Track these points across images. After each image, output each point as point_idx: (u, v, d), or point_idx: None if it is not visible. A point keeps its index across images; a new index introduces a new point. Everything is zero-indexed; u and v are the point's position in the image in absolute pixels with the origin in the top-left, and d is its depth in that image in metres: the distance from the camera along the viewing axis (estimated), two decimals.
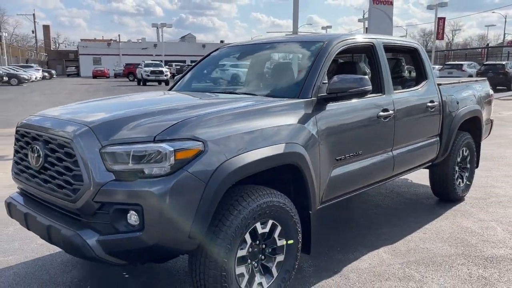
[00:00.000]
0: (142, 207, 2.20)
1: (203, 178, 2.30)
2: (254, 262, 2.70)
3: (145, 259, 2.50)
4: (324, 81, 3.17)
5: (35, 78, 40.22)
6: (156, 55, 55.00)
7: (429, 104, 4.25)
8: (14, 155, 2.93)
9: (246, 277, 2.63)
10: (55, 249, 3.67)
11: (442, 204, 4.94)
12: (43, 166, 2.54)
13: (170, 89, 4.09)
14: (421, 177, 5.75)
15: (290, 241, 2.85)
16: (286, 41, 3.94)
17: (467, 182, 5.16)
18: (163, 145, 2.25)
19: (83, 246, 2.25)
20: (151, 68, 32.06)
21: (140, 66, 35.58)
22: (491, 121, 5.75)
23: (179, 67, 44.29)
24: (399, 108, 3.82)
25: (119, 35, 68.99)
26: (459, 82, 5.10)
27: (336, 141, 3.18)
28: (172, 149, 2.24)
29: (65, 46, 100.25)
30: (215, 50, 4.27)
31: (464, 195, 5.11)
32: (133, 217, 2.25)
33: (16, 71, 36.58)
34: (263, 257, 2.76)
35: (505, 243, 3.85)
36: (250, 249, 2.65)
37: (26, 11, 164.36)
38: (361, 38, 3.79)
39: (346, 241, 3.89)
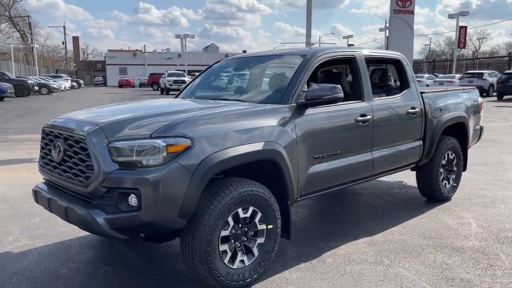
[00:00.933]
0: (139, 191, 2.73)
1: (190, 168, 2.81)
2: (237, 243, 3.19)
3: (143, 234, 3.02)
4: (304, 89, 3.66)
5: (64, 88, 41.82)
6: (180, 65, 56.21)
7: (410, 110, 4.67)
8: (40, 151, 3.52)
9: (229, 254, 3.12)
10: (74, 234, 4.24)
11: (428, 204, 5.32)
12: (63, 158, 3.11)
13: (176, 96, 4.65)
14: (415, 180, 6.12)
15: (270, 226, 3.33)
16: (275, 55, 4.45)
17: (454, 184, 5.52)
18: (158, 141, 2.78)
19: (93, 223, 2.79)
20: (174, 78, 33.14)
21: (163, 76, 36.69)
22: (481, 128, 6.09)
23: None
24: (377, 113, 4.26)
25: (144, 46, 70.67)
26: (444, 91, 5.49)
27: (314, 141, 3.65)
28: (165, 144, 2.77)
29: (93, 57, 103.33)
30: (216, 62, 4.82)
31: (451, 196, 5.47)
32: (133, 199, 2.77)
33: (47, 81, 38.20)
34: (245, 238, 3.24)
35: (476, 237, 4.23)
36: (233, 231, 3.14)
37: (57, 23, 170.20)
38: (342, 51, 4.27)
39: (331, 233, 4.34)
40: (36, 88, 32.65)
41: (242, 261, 3.21)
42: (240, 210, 3.13)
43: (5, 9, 64.84)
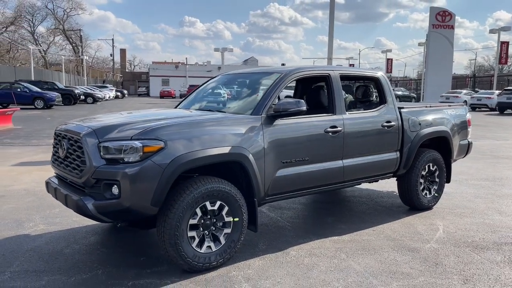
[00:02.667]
0: (119, 182, 3.39)
1: (162, 165, 3.45)
2: (206, 231, 3.78)
3: (126, 218, 3.67)
4: (274, 103, 4.23)
5: (109, 97, 44.09)
6: None
7: (385, 124, 5.13)
8: (52, 150, 4.27)
9: (197, 239, 3.72)
10: (84, 223, 4.97)
11: (408, 212, 5.70)
12: (66, 155, 3.83)
13: (176, 107, 5.33)
14: None
15: (236, 219, 3.90)
16: (257, 72, 5.06)
17: (435, 194, 5.87)
18: (136, 142, 3.44)
19: (84, 207, 3.47)
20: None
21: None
22: (469, 143, 6.40)
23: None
24: (349, 125, 4.75)
25: (186, 58, 73.67)
26: (426, 107, 5.89)
27: (282, 148, 4.20)
28: (141, 145, 3.42)
29: (139, 68, 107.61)
30: (211, 78, 5.50)
31: (432, 205, 5.83)
32: (115, 189, 3.43)
33: (93, 90, 40.46)
34: (214, 228, 3.83)
35: (436, 241, 4.61)
36: (202, 220, 3.74)
37: (107, 36, 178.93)
38: (316, 70, 4.82)
39: (304, 232, 4.84)
40: (82, 97, 34.70)
41: (209, 247, 3.79)
42: (208, 203, 3.73)
43: (59, 23, 69.08)
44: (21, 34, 59.83)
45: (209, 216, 3.78)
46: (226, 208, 3.84)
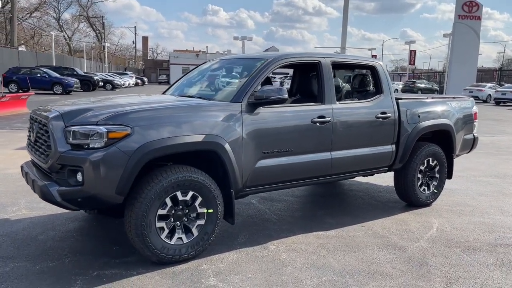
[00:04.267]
0: (83, 168, 3.26)
1: (128, 153, 3.30)
2: (178, 222, 3.64)
3: (91, 207, 3.55)
4: (256, 90, 4.03)
5: (128, 84, 44.40)
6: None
7: (380, 115, 4.87)
8: (27, 134, 4.17)
9: (167, 230, 3.58)
10: (66, 210, 4.89)
11: (404, 208, 5.45)
12: (35, 139, 3.73)
13: (163, 93, 5.18)
14: None
15: (210, 210, 3.74)
16: (243, 58, 4.84)
17: (435, 190, 5.59)
18: (101, 127, 3.30)
19: (49, 193, 3.35)
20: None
21: (232, 80, 37.85)
22: (474, 138, 6.07)
23: None
24: (338, 116, 4.51)
25: (207, 47, 73.57)
26: (427, 98, 5.59)
27: (263, 138, 4.01)
28: (106, 130, 3.28)
29: (162, 56, 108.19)
30: (200, 64, 5.33)
31: (430, 202, 5.55)
32: (79, 176, 3.31)
33: (112, 77, 40.80)
34: (186, 219, 3.68)
35: (427, 240, 4.36)
36: (173, 211, 3.59)
37: (131, 23, 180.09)
38: (305, 57, 4.58)
39: (289, 225, 4.65)
40: (101, 84, 34.99)
41: (180, 238, 3.65)
42: (179, 193, 3.58)
43: (83, 10, 69.77)
44: (47, 21, 60.68)
45: (180, 207, 3.63)
46: (199, 199, 3.68)
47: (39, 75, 28.48)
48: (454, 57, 37.33)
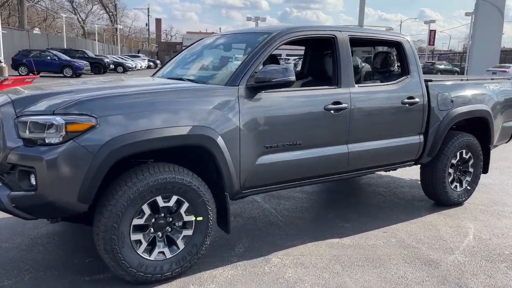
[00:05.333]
0: (35, 170, 2.60)
1: (92, 150, 2.63)
2: (159, 233, 2.97)
3: (50, 215, 2.90)
4: (257, 71, 3.30)
5: (140, 67, 43.71)
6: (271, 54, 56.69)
7: (406, 100, 4.10)
8: None
9: (145, 244, 2.91)
10: None
11: (433, 208, 4.70)
12: None
13: (153, 75, 4.46)
14: None
15: (199, 218, 3.07)
16: (243, 33, 4.08)
17: (468, 187, 4.83)
18: (57, 118, 2.62)
19: None
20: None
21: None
22: None
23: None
24: (357, 102, 3.77)
25: (220, 28, 71.98)
26: (462, 80, 4.78)
27: (265, 129, 3.29)
28: (64, 122, 2.60)
29: (176, 38, 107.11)
30: (191, 44, 4.58)
31: (462, 200, 4.80)
32: (32, 178, 2.65)
33: (124, 60, 40.17)
34: (169, 229, 3.02)
35: (463, 251, 3.63)
36: (153, 220, 2.93)
37: (144, 5, 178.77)
38: (317, 30, 3.80)
39: (298, 231, 3.96)
40: (112, 66, 34.41)
41: (162, 253, 2.99)
42: (159, 199, 2.90)
43: None
44: (60, 3, 60.08)
45: (162, 215, 2.96)
46: (185, 205, 3.01)
47: (49, 57, 28.00)
48: (477, 36, 35.73)
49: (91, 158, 2.63)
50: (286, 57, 42.40)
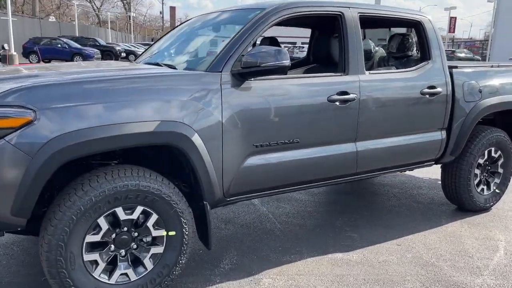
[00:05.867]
0: None
1: (29, 151, 2.09)
2: (121, 251, 2.44)
3: None
4: (244, 54, 2.72)
5: None
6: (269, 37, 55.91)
7: (427, 90, 3.48)
8: None
9: (103, 264, 2.39)
10: None
11: (456, 214, 4.09)
12: None
13: (134, 60, 3.91)
14: None
15: (172, 233, 2.53)
16: (233, 10, 3.47)
17: (496, 190, 4.20)
18: None
19: None
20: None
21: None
22: None
23: (287, 48, 44.25)
24: (368, 91, 3.17)
25: None
26: (492, 66, 4.12)
27: (255, 124, 2.73)
28: None
29: None
30: (178, 25, 4.00)
31: (490, 205, 4.17)
32: None
33: (137, 48, 39.74)
34: (135, 246, 2.49)
35: (493, 271, 3.02)
36: (114, 235, 2.40)
37: None
38: (320, 7, 3.18)
39: (296, 242, 3.40)
40: (123, 54, 34.01)
41: (125, 274, 2.46)
42: (120, 210, 2.37)
43: None
44: None
45: (125, 229, 2.43)
46: (153, 217, 2.47)
47: (59, 45, 27.75)
48: (500, 24, 34.32)
49: (27, 161, 2.10)
50: (301, 45, 41.54)
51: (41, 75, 2.54)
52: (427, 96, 3.49)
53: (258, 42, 4.13)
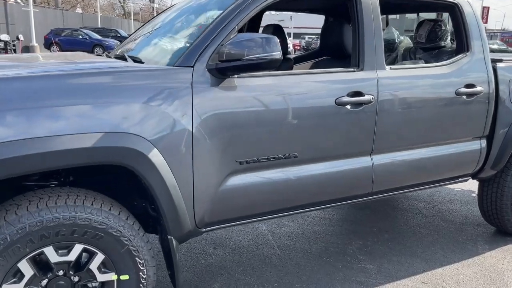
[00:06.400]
0: None
1: None
2: None
3: None
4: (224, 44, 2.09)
5: None
6: (294, 27, 54.96)
7: (463, 89, 2.78)
8: None
9: None
10: None
11: (496, 239, 3.39)
12: None
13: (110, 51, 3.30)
14: None
15: (124, 277, 1.94)
16: None
17: None
18: None
19: None
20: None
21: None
22: None
23: (310, 40, 43.19)
24: (389, 91, 2.50)
25: None
26: None
27: (239, 134, 2.11)
28: None
29: None
30: (163, 11, 3.37)
31: None
32: None
33: None
34: None
35: None
36: (45, 281, 1.82)
37: None
38: None
39: (297, 275, 2.77)
40: None
41: None
42: (50, 250, 1.79)
43: None
44: None
45: (60, 273, 1.85)
46: (99, 257, 1.88)
47: (80, 36, 27.67)
48: None
49: None
50: None
51: None
52: (464, 96, 2.79)
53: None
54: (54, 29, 28.27)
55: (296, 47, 34.33)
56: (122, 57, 2.51)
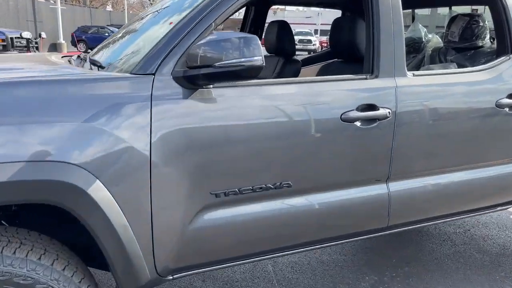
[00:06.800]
0: None
1: None
2: None
3: None
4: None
5: None
6: (321, 24, 54.32)
7: (506, 100, 2.25)
8: None
9: None
10: None
11: None
12: None
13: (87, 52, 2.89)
14: None
15: None
16: None
17: None
18: None
19: None
20: (300, 37, 30.95)
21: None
22: None
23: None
24: (410, 104, 2.01)
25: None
26: None
27: (214, 160, 1.66)
28: None
29: (242, 14, 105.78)
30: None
31: None
32: None
33: None
34: None
35: None
36: None
37: None
38: None
39: None
40: None
41: None
42: None
43: None
44: None
45: None
46: None
47: (106, 34, 27.76)
48: None
49: None
50: None
51: None
52: (506, 109, 2.26)
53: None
54: (81, 27, 28.52)
55: (323, 44, 33.54)
56: (93, 63, 2.08)
